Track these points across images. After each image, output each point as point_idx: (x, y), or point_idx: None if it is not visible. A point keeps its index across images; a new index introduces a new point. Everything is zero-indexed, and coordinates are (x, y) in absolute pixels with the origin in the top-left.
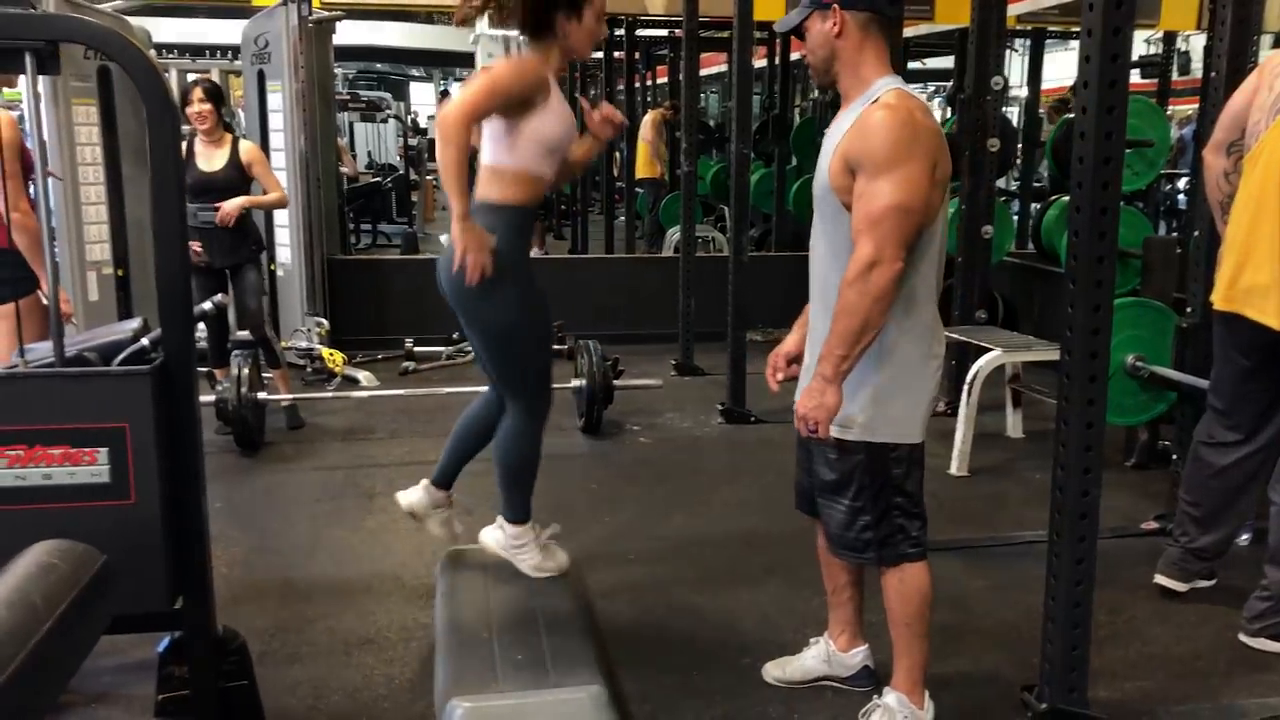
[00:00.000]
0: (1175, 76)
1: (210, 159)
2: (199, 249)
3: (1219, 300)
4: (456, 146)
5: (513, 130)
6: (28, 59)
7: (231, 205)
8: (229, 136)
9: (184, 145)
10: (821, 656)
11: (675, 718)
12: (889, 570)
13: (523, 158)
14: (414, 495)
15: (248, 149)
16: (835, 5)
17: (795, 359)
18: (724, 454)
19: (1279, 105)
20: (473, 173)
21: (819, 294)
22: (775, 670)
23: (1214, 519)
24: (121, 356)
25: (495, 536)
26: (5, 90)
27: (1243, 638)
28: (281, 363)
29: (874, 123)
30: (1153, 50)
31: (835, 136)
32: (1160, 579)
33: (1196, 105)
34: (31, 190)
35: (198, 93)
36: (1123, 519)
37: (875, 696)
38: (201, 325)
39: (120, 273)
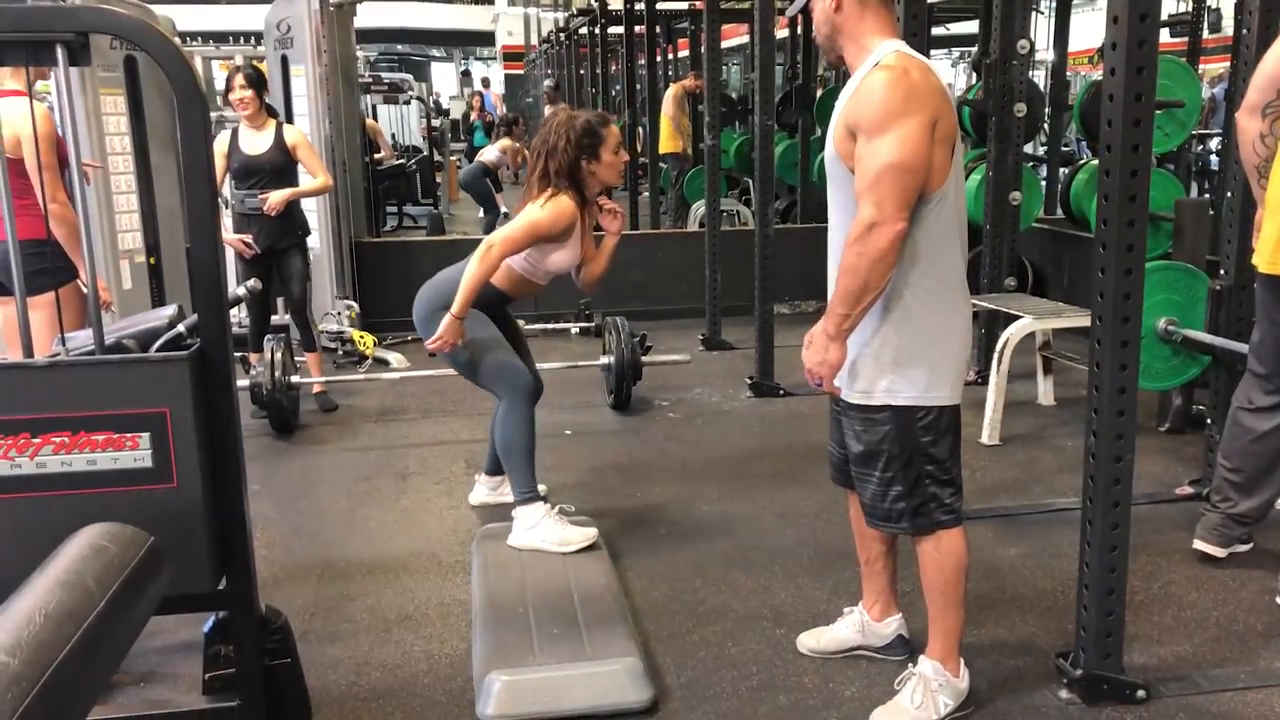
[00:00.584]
0: (1205, 35)
1: (254, 143)
2: (248, 241)
3: (1263, 264)
4: (485, 271)
5: (538, 250)
6: (59, 51)
7: (277, 198)
8: (272, 120)
9: (230, 132)
10: (856, 626)
11: (710, 689)
12: (924, 538)
13: (526, 268)
14: (478, 493)
15: (293, 132)
16: None
17: None
18: (754, 427)
19: None
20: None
21: (835, 259)
22: (810, 640)
23: (1254, 484)
24: (159, 343)
25: (518, 535)
26: (40, 82)
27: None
28: (317, 346)
29: (872, 84)
30: (1182, 8)
31: (841, 104)
32: (1199, 544)
33: (1228, 64)
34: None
35: (239, 79)
36: (1157, 484)
37: (910, 665)
38: (241, 309)
39: (152, 260)
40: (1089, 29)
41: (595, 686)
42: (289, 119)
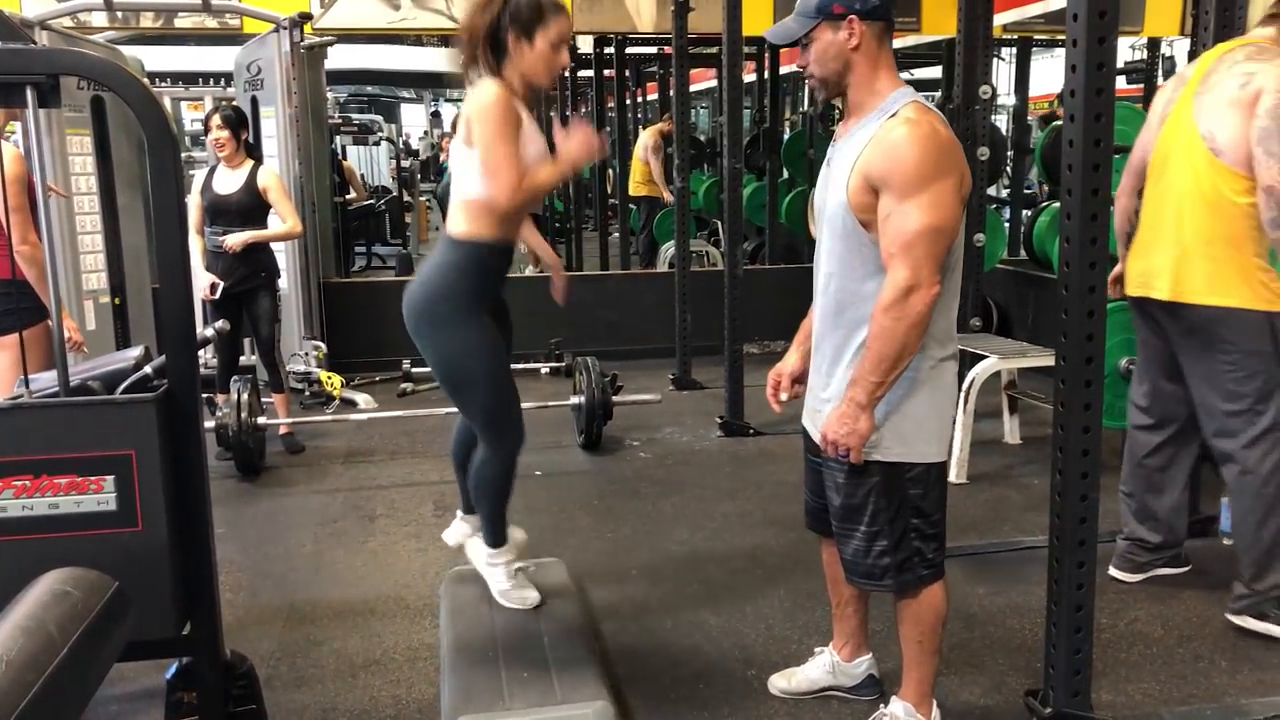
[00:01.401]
0: (1160, 81)
1: (227, 183)
2: (214, 284)
3: (1129, 287)
4: (529, 194)
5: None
6: (29, 93)
7: (235, 240)
8: (250, 161)
9: (209, 170)
10: (826, 667)
11: None
12: (907, 595)
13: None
14: (455, 532)
15: (266, 175)
16: (853, 16)
17: (799, 378)
18: (724, 467)
19: (1163, 115)
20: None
21: (831, 311)
22: (781, 682)
23: (1146, 508)
24: (125, 385)
25: (477, 552)
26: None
27: (1228, 615)
28: (285, 387)
29: (898, 140)
30: (1137, 56)
31: (850, 152)
32: (1111, 571)
33: None
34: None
35: (215, 120)
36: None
37: (881, 705)
38: (209, 349)
39: (117, 301)
40: (1049, 75)
41: None
42: (259, 159)
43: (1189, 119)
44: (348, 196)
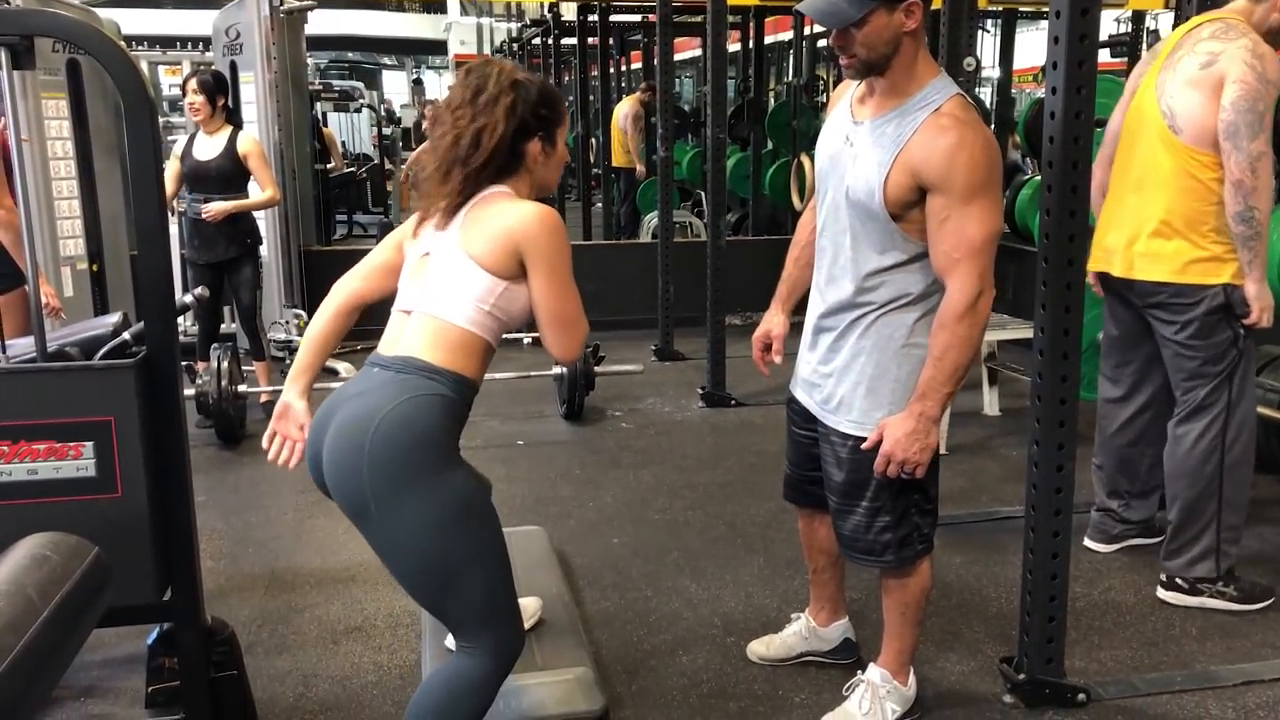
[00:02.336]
0: (1144, 54)
1: (206, 149)
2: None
3: (1091, 263)
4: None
5: (503, 295)
6: (2, 54)
7: (216, 207)
8: (229, 127)
9: (189, 136)
10: (802, 633)
11: (661, 698)
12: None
13: (494, 330)
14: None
15: (246, 141)
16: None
17: (785, 338)
18: (705, 437)
19: (1132, 90)
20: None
21: (841, 290)
22: (759, 648)
23: (1115, 478)
24: (104, 351)
25: None
26: None
27: (1160, 592)
28: (266, 355)
29: (953, 143)
30: (1122, 29)
31: (887, 143)
32: (1086, 542)
33: None
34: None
35: (191, 85)
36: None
37: (859, 672)
38: (188, 317)
39: (95, 267)
40: (1034, 47)
41: (547, 696)
42: (239, 125)
43: (1151, 95)
44: (328, 165)
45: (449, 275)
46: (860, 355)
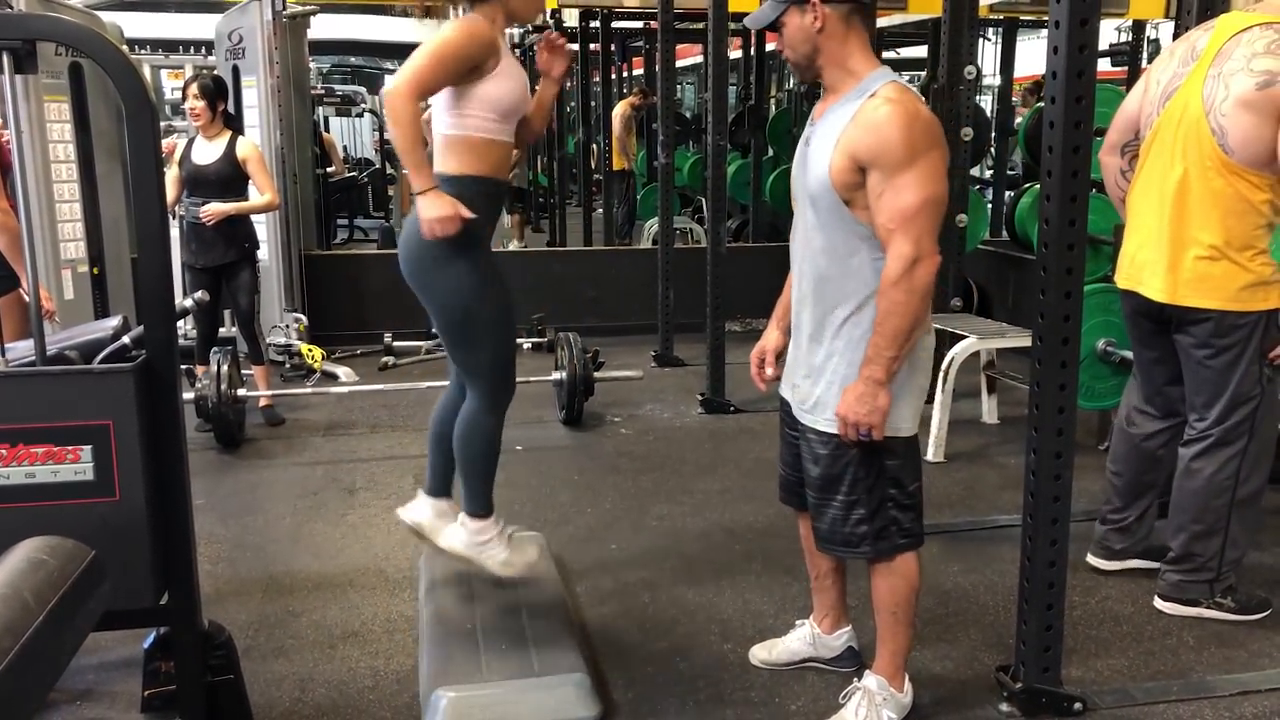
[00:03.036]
0: (1144, 64)
1: (205, 153)
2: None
3: (1119, 279)
4: (407, 123)
5: (463, 97)
6: (5, 58)
7: (214, 209)
8: (228, 132)
9: (188, 140)
10: (806, 639)
11: (658, 704)
12: (881, 561)
13: (477, 125)
14: (416, 512)
15: (245, 145)
16: (816, 1)
17: (782, 354)
18: (704, 444)
19: (1168, 92)
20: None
21: (811, 287)
22: (762, 653)
23: (1132, 489)
24: (103, 354)
25: (458, 536)
26: None
27: (1157, 601)
28: (265, 359)
29: (883, 119)
30: (1123, 39)
31: (830, 133)
32: (1089, 558)
33: None
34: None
35: (192, 89)
36: (1095, 502)
37: (856, 679)
38: (188, 321)
39: (95, 271)
40: (1034, 56)
41: (543, 702)
42: (239, 130)
43: (1197, 108)
44: (327, 170)
45: (438, 96)
46: (834, 356)
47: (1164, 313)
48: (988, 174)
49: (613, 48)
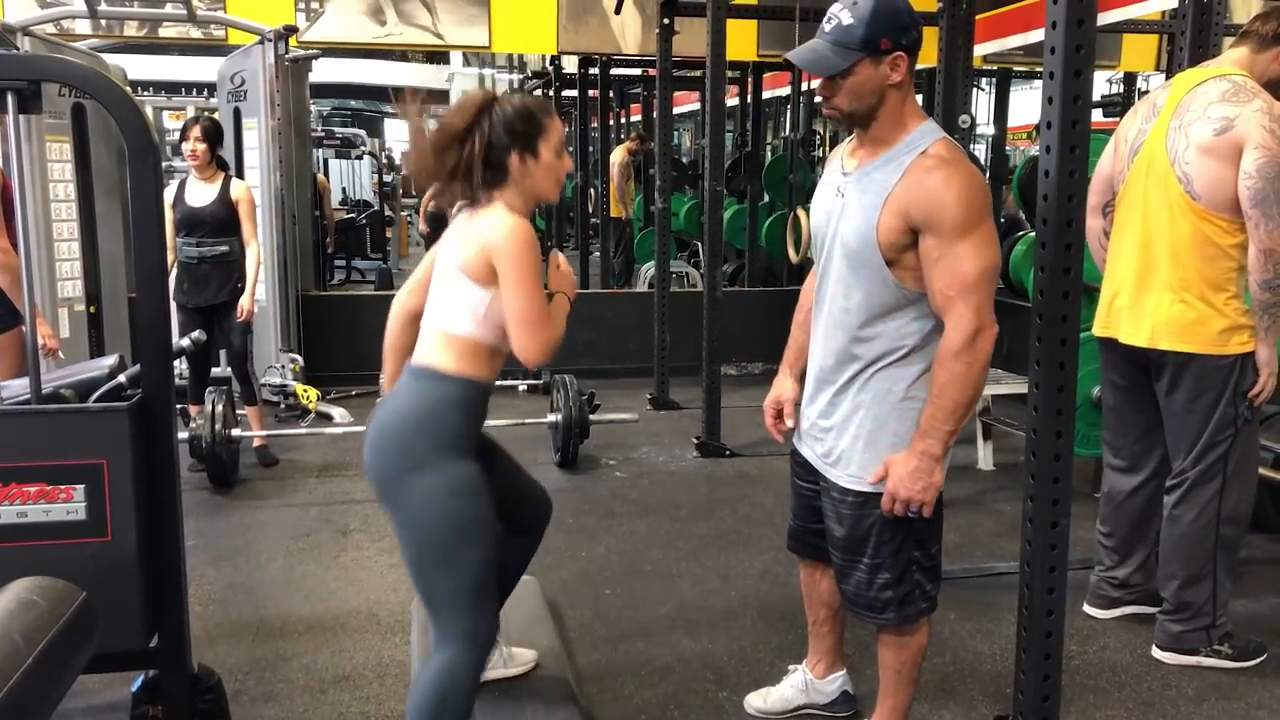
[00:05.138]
0: None
1: (200, 195)
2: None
3: (1096, 328)
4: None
5: (494, 306)
6: (10, 99)
7: (246, 305)
8: (221, 174)
9: (178, 183)
10: (799, 685)
11: None
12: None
13: (497, 336)
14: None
15: (239, 188)
16: (900, 53)
17: (798, 403)
18: (700, 488)
19: (1135, 147)
20: None
21: (842, 342)
22: (757, 701)
23: (1124, 546)
24: (99, 394)
25: None
26: None
27: (1155, 651)
28: (258, 400)
29: (940, 182)
30: (1114, 90)
31: (877, 189)
32: (1085, 608)
33: None
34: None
35: (195, 131)
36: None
37: None
38: (181, 361)
39: (92, 309)
40: (1027, 105)
41: None
42: (240, 172)
43: (1163, 159)
44: (316, 214)
45: (448, 287)
46: (860, 410)
47: (1143, 358)
48: None
49: (611, 94)
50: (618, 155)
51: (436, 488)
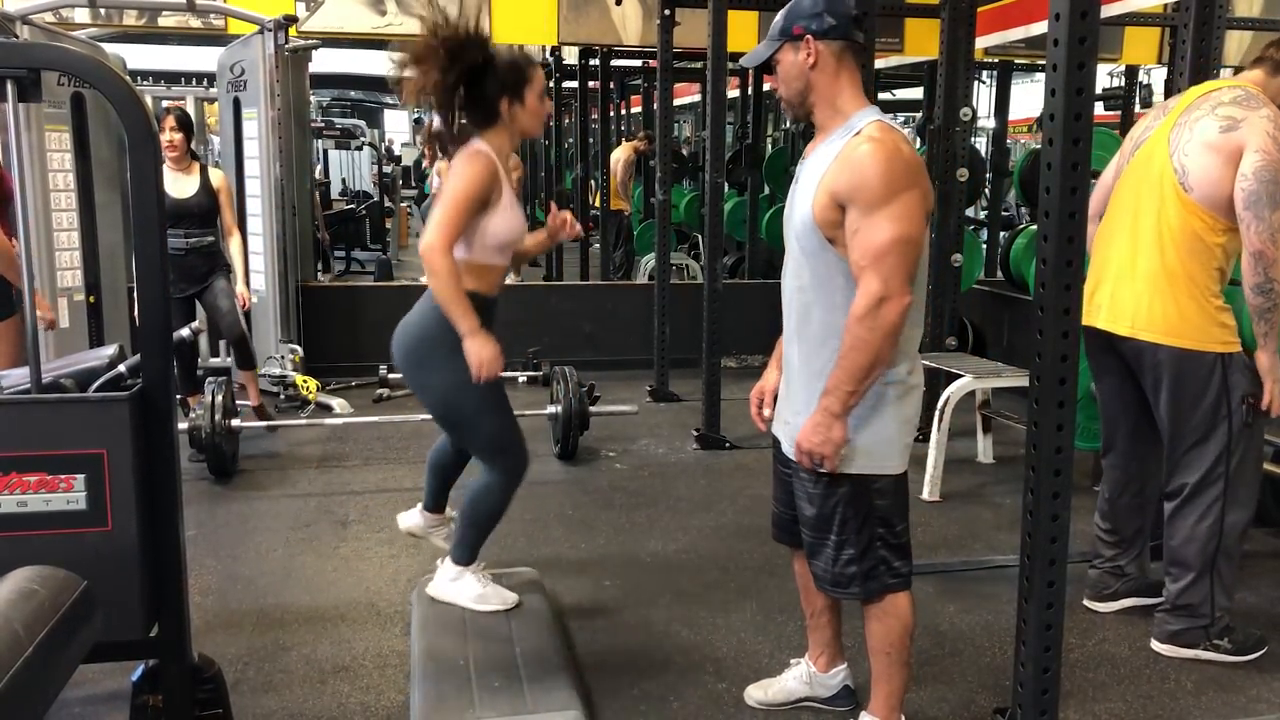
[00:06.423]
0: (1138, 109)
1: (180, 186)
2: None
3: (1085, 315)
4: (447, 275)
5: (469, 227)
6: (9, 87)
7: (243, 294)
8: (196, 164)
9: None
10: (802, 678)
11: None
12: (872, 603)
13: (476, 251)
14: (413, 520)
15: (219, 177)
16: (808, 36)
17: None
18: (699, 479)
19: (1138, 143)
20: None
21: (798, 325)
22: (758, 693)
23: (1121, 546)
24: (99, 383)
25: (439, 584)
26: None
27: (1154, 644)
28: (254, 364)
29: (862, 156)
30: (1116, 83)
31: (815, 171)
32: (1085, 601)
33: None
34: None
35: (170, 121)
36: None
37: (850, 719)
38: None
39: (91, 299)
40: (1028, 99)
41: None
42: (239, 162)
43: (1163, 151)
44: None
45: (433, 216)
46: (818, 392)
47: (1123, 347)
48: (983, 215)
49: (611, 86)
50: (623, 152)
51: (443, 381)
